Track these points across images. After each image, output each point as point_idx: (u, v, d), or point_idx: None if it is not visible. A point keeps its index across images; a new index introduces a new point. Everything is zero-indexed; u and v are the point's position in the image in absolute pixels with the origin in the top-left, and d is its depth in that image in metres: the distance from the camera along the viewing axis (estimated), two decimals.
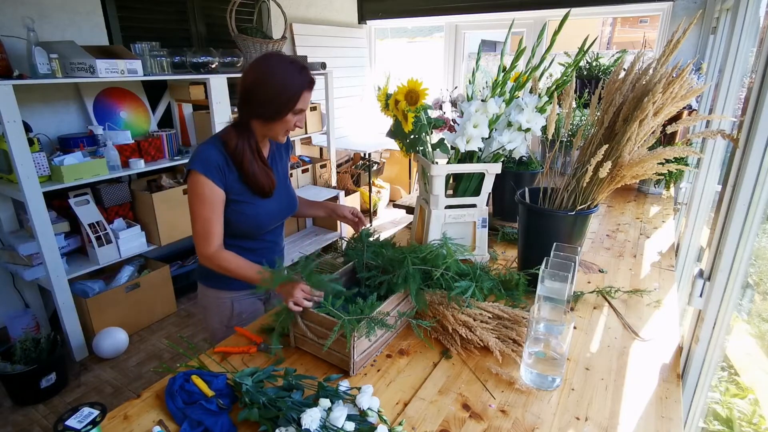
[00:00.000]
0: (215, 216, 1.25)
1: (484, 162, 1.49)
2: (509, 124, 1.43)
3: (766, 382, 1.80)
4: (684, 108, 1.87)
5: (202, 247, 1.25)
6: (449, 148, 1.50)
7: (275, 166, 1.40)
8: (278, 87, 1.20)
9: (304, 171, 3.67)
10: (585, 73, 2.63)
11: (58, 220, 2.41)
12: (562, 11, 1.39)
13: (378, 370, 1.04)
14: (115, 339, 2.48)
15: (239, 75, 1.32)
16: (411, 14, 4.46)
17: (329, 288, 1.10)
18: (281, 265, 1.23)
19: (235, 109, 1.32)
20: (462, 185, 1.54)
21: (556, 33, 1.38)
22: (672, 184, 2.34)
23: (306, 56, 3.49)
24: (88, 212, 2.43)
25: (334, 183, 3.92)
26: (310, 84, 1.24)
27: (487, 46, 6.73)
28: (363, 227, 1.42)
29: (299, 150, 4.05)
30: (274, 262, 1.42)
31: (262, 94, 1.21)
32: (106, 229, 2.47)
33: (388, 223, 4.49)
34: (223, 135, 1.27)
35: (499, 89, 1.45)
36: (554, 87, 1.44)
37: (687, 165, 2.07)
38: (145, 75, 2.42)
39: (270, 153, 1.39)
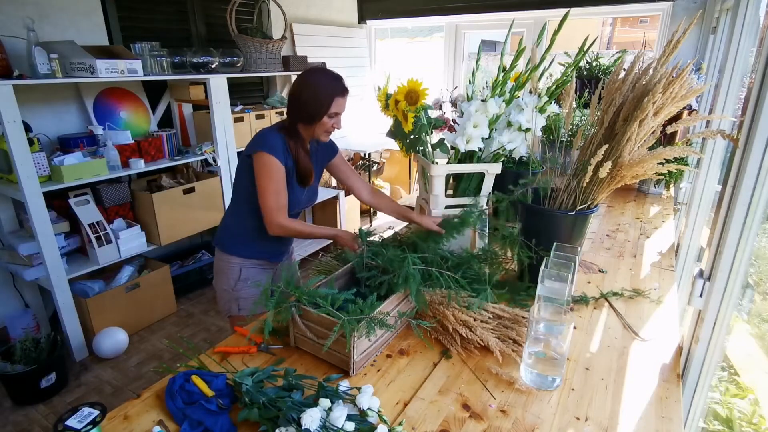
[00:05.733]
0: (283, 190, 1.44)
1: (484, 162, 1.49)
2: (509, 124, 1.43)
3: (766, 382, 1.80)
4: (684, 108, 1.87)
5: (276, 216, 1.43)
6: (449, 148, 1.50)
7: (313, 164, 1.59)
8: (313, 94, 1.40)
9: None
10: (585, 73, 2.63)
11: (58, 220, 2.41)
12: (562, 11, 1.40)
13: (378, 370, 1.04)
14: (115, 339, 2.48)
15: (239, 75, 1.43)
16: (411, 14, 4.46)
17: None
18: (290, 271, 1.27)
19: (236, 109, 1.41)
20: (462, 185, 1.54)
21: (556, 33, 1.39)
22: (672, 184, 2.34)
23: (306, 56, 3.49)
24: (88, 212, 2.43)
25: (334, 183, 3.92)
26: (342, 92, 1.42)
27: (487, 46, 6.73)
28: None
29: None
30: (288, 243, 1.71)
31: (301, 101, 1.42)
32: (106, 229, 2.47)
33: (388, 223, 4.49)
34: (281, 129, 1.46)
35: (499, 89, 1.45)
36: (554, 87, 1.44)
37: (687, 165, 2.07)
38: (145, 75, 2.42)
39: (311, 152, 1.57)
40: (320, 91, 1.40)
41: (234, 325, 1.42)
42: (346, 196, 3.73)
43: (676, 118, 1.34)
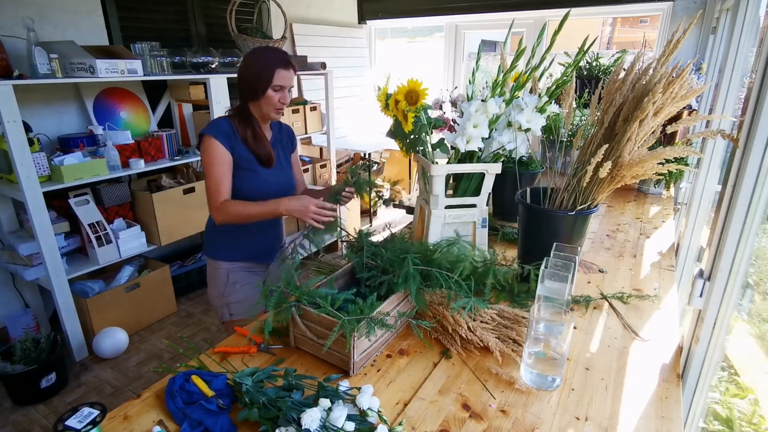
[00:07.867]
0: (224, 173, 1.42)
1: (484, 162, 1.49)
2: (509, 124, 1.43)
3: (766, 382, 1.80)
4: (684, 108, 1.87)
5: (212, 200, 1.42)
6: (449, 148, 1.50)
7: (276, 149, 1.59)
8: (254, 70, 1.43)
9: (304, 171, 3.68)
10: (585, 73, 2.63)
11: (58, 220, 2.41)
12: (562, 11, 1.40)
13: (378, 370, 1.04)
14: (115, 339, 2.48)
15: None
16: (411, 14, 4.46)
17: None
18: (281, 262, 1.27)
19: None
20: (462, 185, 1.54)
21: (556, 33, 1.38)
22: (672, 184, 2.34)
23: (306, 56, 3.49)
24: (88, 212, 2.43)
25: (333, 183, 3.92)
26: (283, 63, 1.43)
27: (487, 46, 6.73)
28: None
29: (299, 150, 4.05)
30: (274, 232, 1.65)
31: (245, 78, 1.44)
32: (106, 229, 2.47)
33: (387, 223, 4.48)
34: (230, 112, 1.50)
35: (499, 89, 1.45)
36: (554, 87, 1.44)
37: (687, 165, 2.07)
38: (145, 75, 2.42)
39: (272, 138, 1.59)
40: (261, 64, 1.41)
41: (229, 331, 1.42)
42: None
43: (676, 118, 1.34)
